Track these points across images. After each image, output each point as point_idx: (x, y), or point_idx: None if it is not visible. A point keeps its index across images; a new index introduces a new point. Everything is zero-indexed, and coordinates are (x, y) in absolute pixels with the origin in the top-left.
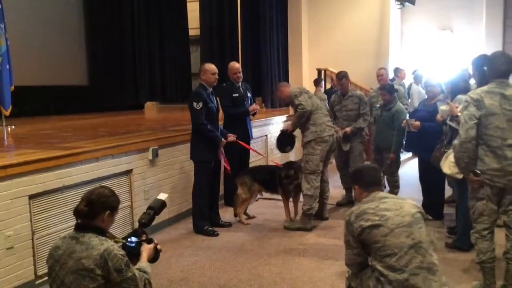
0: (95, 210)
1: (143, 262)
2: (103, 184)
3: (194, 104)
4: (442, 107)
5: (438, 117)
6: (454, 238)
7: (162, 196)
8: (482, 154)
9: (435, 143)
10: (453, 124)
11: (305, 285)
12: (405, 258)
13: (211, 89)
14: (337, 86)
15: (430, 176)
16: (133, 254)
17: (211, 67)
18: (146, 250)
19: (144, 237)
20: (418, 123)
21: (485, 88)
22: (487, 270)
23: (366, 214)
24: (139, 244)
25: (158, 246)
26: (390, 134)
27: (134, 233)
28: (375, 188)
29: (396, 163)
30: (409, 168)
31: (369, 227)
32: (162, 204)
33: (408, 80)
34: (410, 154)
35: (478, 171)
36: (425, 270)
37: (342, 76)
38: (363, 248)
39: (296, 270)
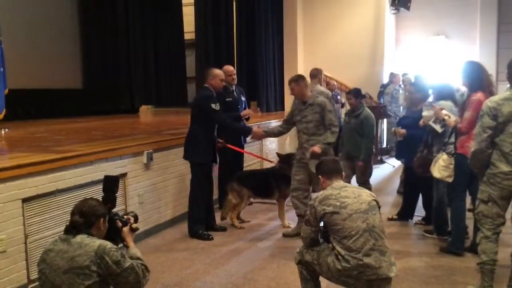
0: (90, 220)
1: (131, 249)
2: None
3: (213, 106)
4: (424, 113)
5: (421, 122)
6: (448, 242)
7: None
8: (496, 159)
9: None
10: (437, 127)
11: None
12: (360, 240)
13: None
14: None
15: (416, 182)
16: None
17: (221, 72)
18: (127, 235)
19: (119, 223)
20: (403, 130)
21: (504, 94)
22: (486, 272)
23: (328, 200)
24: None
25: (134, 225)
26: (360, 141)
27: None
28: (336, 176)
29: (369, 171)
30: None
31: (331, 212)
32: (117, 181)
33: None
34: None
35: None
36: (377, 251)
37: (290, 81)
38: (324, 226)
39: (291, 274)
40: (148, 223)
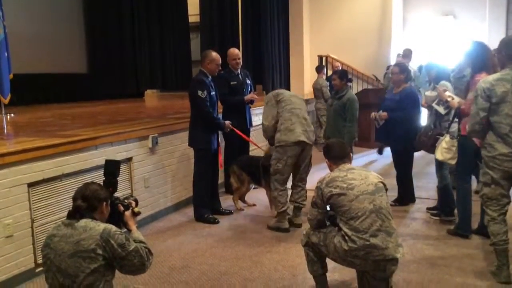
0: (93, 204)
1: (134, 233)
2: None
3: (199, 92)
4: (427, 93)
5: (423, 102)
6: (455, 225)
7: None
8: (494, 140)
9: (402, 132)
10: (440, 109)
11: (306, 272)
12: (367, 221)
13: (210, 77)
14: None
15: (401, 164)
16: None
17: (218, 57)
18: (130, 219)
19: (121, 207)
20: (385, 113)
21: (497, 75)
22: (499, 251)
23: (335, 182)
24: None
25: (136, 209)
26: (342, 125)
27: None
28: (343, 161)
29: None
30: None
31: (338, 194)
32: (118, 165)
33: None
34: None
35: None
36: (384, 232)
37: None
38: (331, 209)
39: (297, 257)
40: (154, 207)
